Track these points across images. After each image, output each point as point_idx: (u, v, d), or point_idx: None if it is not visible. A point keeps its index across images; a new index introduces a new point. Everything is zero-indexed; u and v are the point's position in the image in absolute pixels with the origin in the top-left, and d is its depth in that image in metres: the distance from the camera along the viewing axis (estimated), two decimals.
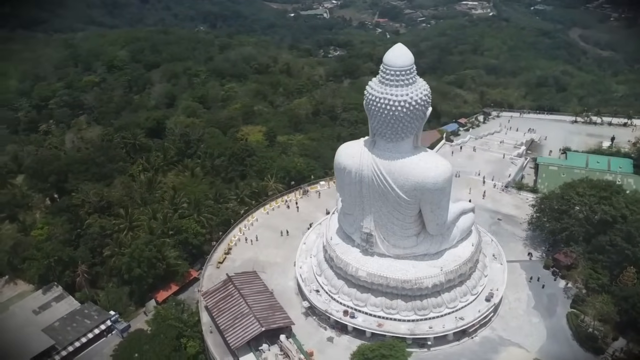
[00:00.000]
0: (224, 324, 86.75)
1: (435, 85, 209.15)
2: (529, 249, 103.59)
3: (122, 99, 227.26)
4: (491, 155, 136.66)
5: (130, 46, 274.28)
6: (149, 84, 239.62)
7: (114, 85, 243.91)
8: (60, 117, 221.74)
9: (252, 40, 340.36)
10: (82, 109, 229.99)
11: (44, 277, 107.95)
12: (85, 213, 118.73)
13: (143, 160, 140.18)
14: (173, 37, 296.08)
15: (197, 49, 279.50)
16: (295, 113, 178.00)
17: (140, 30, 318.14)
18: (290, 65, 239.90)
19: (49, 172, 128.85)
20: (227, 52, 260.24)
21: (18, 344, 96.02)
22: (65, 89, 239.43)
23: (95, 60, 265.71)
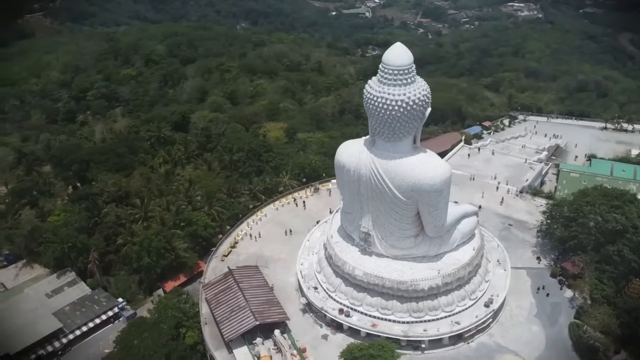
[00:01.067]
0: (220, 315, 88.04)
1: (465, 87, 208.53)
2: (537, 255, 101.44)
3: (156, 93, 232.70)
4: (510, 159, 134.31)
5: (168, 41, 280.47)
6: (183, 79, 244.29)
7: (150, 78, 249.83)
8: (97, 108, 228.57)
9: (289, 38, 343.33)
10: (118, 101, 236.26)
11: (59, 262, 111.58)
12: (103, 202, 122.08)
13: (164, 152, 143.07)
14: (210, 33, 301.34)
15: (233, 45, 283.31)
16: (321, 111, 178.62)
17: (179, 26, 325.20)
18: (322, 63, 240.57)
19: (72, 161, 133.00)
20: (261, 49, 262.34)
21: (28, 325, 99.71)
22: (104, 81, 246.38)
23: (134, 54, 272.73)
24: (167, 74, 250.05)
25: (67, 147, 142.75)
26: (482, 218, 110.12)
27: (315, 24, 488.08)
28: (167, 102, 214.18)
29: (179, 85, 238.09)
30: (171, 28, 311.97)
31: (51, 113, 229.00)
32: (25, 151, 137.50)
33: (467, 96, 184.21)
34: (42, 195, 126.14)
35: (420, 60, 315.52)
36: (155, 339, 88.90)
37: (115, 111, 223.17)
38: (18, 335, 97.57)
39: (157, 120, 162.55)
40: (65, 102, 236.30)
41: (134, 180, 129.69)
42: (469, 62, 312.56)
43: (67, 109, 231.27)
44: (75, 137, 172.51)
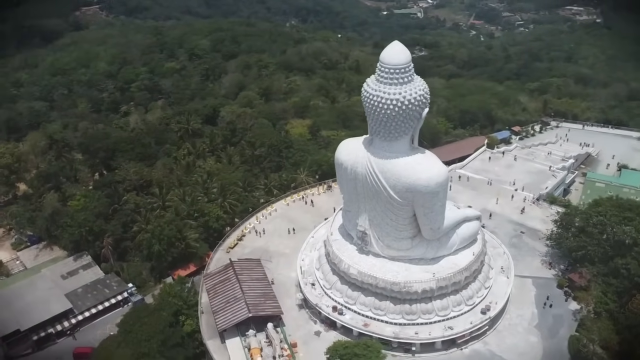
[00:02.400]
0: (216, 306, 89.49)
1: (501, 90, 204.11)
2: (547, 265, 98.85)
3: (197, 86, 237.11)
4: (532, 166, 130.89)
5: (212, 36, 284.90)
6: (223, 73, 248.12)
7: (192, 72, 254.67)
8: (139, 99, 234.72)
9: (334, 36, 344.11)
10: (160, 94, 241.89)
11: (76, 246, 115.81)
12: (124, 190, 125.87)
13: (189, 145, 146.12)
14: (254, 29, 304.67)
15: (276, 42, 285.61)
16: (351, 110, 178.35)
17: (224, 21, 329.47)
18: (360, 62, 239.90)
19: (98, 149, 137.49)
20: (300, 46, 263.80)
21: (41, 304, 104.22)
22: (148, 73, 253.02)
23: (178, 48, 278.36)
24: (209, 68, 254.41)
25: (94, 135, 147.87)
26: (494, 224, 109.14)
27: (365, 23, 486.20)
28: (205, 95, 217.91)
29: (218, 80, 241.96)
30: (216, 23, 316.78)
31: (96, 103, 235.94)
32: (56, 137, 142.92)
33: (500, 100, 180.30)
34: (67, 180, 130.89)
35: (467, 62, 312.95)
36: (154, 324, 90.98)
37: (157, 103, 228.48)
38: (30, 312, 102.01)
39: (187, 113, 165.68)
40: (110, 93, 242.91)
41: (156, 170, 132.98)
42: (517, 65, 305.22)
43: (112, 99, 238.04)
44: (111, 127, 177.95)
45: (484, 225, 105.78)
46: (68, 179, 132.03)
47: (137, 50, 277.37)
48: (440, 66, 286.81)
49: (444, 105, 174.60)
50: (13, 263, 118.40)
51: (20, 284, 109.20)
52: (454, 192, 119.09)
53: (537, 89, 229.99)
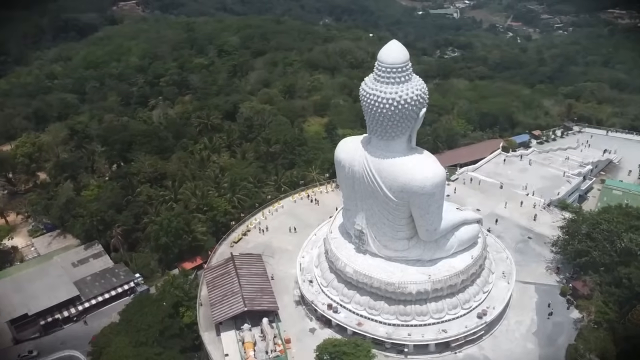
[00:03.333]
0: (214, 298, 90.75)
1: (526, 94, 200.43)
2: (551, 272, 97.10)
3: (224, 83, 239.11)
4: (547, 171, 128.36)
5: (242, 33, 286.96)
6: (250, 70, 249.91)
7: (220, 68, 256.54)
8: (168, 94, 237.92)
9: (366, 36, 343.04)
10: (188, 89, 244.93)
11: (88, 235, 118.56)
12: (138, 182, 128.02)
13: (206, 139, 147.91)
14: (284, 27, 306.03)
15: (305, 40, 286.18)
16: None
17: (254, 18, 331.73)
18: None
19: (115, 140, 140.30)
20: (327, 45, 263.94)
21: (50, 290, 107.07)
22: (177, 68, 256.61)
23: (208, 44, 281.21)
24: (237, 65, 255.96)
25: (113, 127, 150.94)
26: (501, 228, 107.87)
27: (399, 23, 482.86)
28: (230, 92, 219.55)
29: (245, 77, 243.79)
30: (246, 20, 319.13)
31: (126, 96, 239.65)
32: (77, 129, 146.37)
33: (523, 103, 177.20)
34: (84, 170, 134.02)
35: (499, 64, 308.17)
36: (154, 314, 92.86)
37: (184, 98, 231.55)
38: (39, 298, 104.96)
39: (207, 108, 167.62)
40: (139, 87, 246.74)
41: (171, 163, 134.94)
42: (551, 69, 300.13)
43: (141, 93, 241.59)
44: (136, 120, 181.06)
45: (490, 230, 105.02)
46: (85, 169, 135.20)
47: (168, 46, 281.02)
48: (470, 68, 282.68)
49: (466, 107, 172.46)
50: (28, 249, 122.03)
51: (32, 270, 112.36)
52: (463, 195, 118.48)
53: (570, 93, 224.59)
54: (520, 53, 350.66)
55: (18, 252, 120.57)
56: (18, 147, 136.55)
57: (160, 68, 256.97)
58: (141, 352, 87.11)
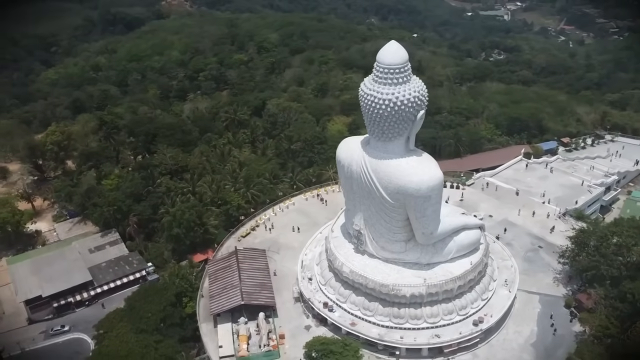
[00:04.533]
0: (214, 290, 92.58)
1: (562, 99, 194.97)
2: (558, 283, 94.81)
3: (261, 79, 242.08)
4: (568, 179, 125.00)
5: (282, 30, 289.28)
6: (288, 68, 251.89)
7: (258, 65, 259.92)
8: (206, 89, 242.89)
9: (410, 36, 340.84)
10: (226, 84, 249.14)
11: (107, 223, 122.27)
12: (159, 173, 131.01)
13: (230, 134, 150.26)
14: (325, 25, 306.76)
15: (345, 39, 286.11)
16: None
17: (295, 16, 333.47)
18: (422, 62, 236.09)
19: (140, 132, 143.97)
20: (364, 44, 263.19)
21: (65, 274, 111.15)
22: (217, 64, 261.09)
23: (249, 41, 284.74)
24: (275, 62, 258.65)
25: (139, 119, 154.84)
26: (511, 235, 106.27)
27: (447, 24, 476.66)
28: (264, 88, 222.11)
29: (281, 74, 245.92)
30: (288, 18, 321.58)
31: (165, 89, 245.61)
32: (106, 119, 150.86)
33: (556, 109, 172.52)
34: (108, 160, 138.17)
35: (544, 69, 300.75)
36: (157, 303, 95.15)
37: (222, 93, 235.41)
38: (53, 281, 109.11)
39: (235, 103, 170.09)
40: (179, 81, 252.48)
41: (192, 156, 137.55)
42: (599, 75, 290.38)
43: (180, 87, 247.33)
44: (168, 113, 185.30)
45: (499, 237, 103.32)
46: (109, 159, 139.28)
47: (210, 41, 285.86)
48: (514, 72, 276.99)
49: (496, 111, 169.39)
50: (50, 234, 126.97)
51: (50, 254, 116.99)
52: (477, 200, 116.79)
53: (616, 100, 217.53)
54: (568, 58, 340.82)
55: (41, 236, 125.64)
56: (48, 135, 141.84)
57: (201, 63, 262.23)
58: (141, 339, 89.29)
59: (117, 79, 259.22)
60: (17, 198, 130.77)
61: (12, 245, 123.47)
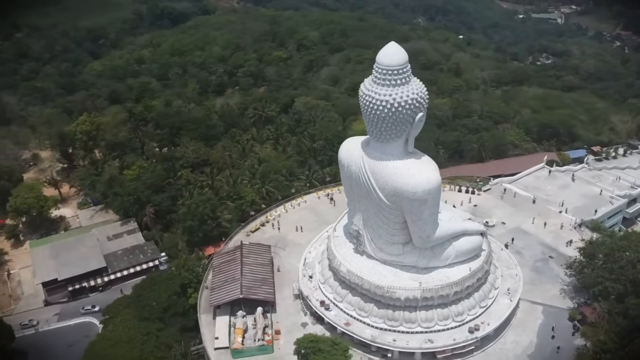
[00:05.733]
0: (215, 283, 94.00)
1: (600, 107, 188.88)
2: (565, 295, 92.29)
3: (298, 77, 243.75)
4: (590, 189, 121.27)
5: (323, 28, 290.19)
6: (326, 66, 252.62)
7: (297, 62, 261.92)
8: (243, 84, 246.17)
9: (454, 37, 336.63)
10: (264, 81, 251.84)
11: (126, 212, 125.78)
12: (181, 166, 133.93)
13: (255, 130, 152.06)
14: (366, 24, 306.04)
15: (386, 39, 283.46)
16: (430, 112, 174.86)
17: (337, 14, 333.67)
18: (461, 65, 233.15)
19: (165, 125, 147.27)
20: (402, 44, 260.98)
21: (81, 259, 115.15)
22: (256, 60, 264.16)
23: (289, 38, 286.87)
24: (313, 60, 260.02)
25: (165, 112, 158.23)
26: (522, 244, 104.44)
27: (497, 26, 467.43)
28: (298, 86, 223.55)
29: (318, 72, 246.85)
30: (330, 16, 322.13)
31: (205, 84, 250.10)
32: (134, 111, 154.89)
33: (590, 117, 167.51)
34: (133, 151, 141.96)
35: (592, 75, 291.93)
36: (161, 292, 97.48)
37: (259, 90, 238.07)
38: (70, 265, 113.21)
39: (264, 100, 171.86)
40: (218, 76, 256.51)
41: (214, 150, 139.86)
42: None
43: (218, 82, 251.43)
44: (201, 108, 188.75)
45: (507, 245, 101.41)
46: (135, 150, 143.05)
47: (251, 38, 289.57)
48: (559, 77, 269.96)
49: (528, 116, 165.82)
50: (73, 220, 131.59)
51: (70, 239, 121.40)
52: (491, 206, 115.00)
53: None
54: (619, 64, 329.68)
55: (64, 221, 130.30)
56: (78, 125, 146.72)
57: (240, 59, 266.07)
58: (143, 326, 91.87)
59: (159, 73, 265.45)
60: (44, 184, 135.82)
61: (37, 230, 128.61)
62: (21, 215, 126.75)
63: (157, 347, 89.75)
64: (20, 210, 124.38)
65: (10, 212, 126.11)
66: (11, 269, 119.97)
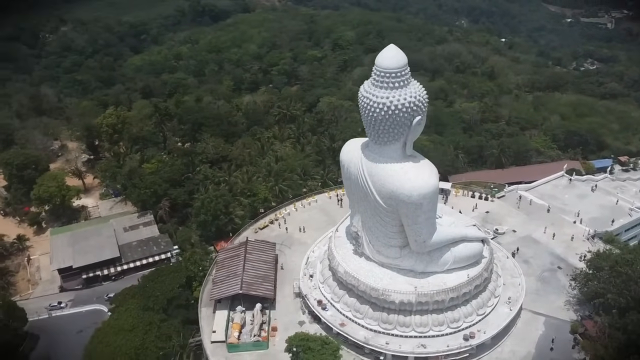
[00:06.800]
0: (217, 277, 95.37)
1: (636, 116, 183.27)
2: (569, 307, 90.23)
3: (331, 76, 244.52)
4: (609, 200, 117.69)
5: (359, 28, 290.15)
6: (359, 66, 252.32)
7: (331, 62, 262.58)
8: (277, 83, 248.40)
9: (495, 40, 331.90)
10: (297, 79, 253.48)
11: (144, 205, 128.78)
12: (200, 161, 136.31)
13: (277, 129, 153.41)
14: (404, 25, 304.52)
15: (422, 40, 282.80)
16: (455, 115, 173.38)
17: (375, 15, 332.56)
18: (496, 68, 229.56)
19: (188, 120, 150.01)
20: (437, 46, 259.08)
21: (97, 249, 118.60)
22: (291, 59, 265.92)
23: (325, 37, 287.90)
24: (347, 60, 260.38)
25: (189, 108, 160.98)
26: (531, 253, 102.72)
27: (543, 29, 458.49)
28: (330, 85, 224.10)
29: (350, 72, 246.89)
30: (367, 16, 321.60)
31: (239, 81, 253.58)
32: (160, 106, 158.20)
33: (622, 126, 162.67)
34: (155, 145, 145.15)
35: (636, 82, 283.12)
36: (167, 284, 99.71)
37: (291, 88, 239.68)
38: (85, 254, 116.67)
39: (289, 98, 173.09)
40: (252, 73, 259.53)
41: (234, 147, 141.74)
42: None
43: (252, 79, 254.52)
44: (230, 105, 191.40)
45: (514, 254, 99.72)
46: (157, 144, 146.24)
47: (287, 36, 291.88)
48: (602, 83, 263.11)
49: (556, 123, 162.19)
50: (94, 210, 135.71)
51: (89, 229, 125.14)
52: (504, 214, 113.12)
53: None
54: None
55: (85, 211, 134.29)
56: (105, 118, 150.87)
57: (276, 57, 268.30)
58: (146, 316, 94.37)
59: (195, 69, 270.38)
60: (68, 174, 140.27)
61: (59, 218, 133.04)
62: (44, 204, 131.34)
63: (158, 338, 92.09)
64: (43, 199, 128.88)
65: (34, 200, 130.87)
66: (32, 255, 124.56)
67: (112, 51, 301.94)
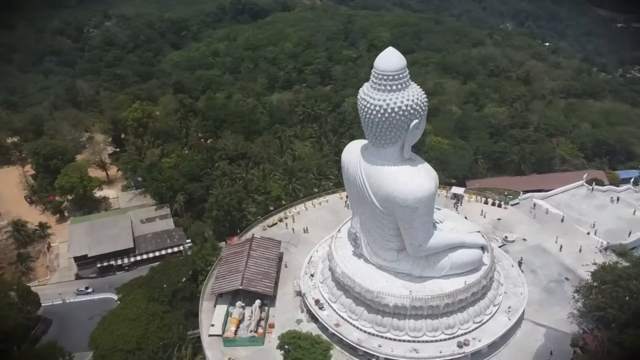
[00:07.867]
0: (220, 272, 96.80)
1: None
2: (573, 320, 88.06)
3: (364, 76, 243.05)
4: (628, 212, 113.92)
5: (396, 30, 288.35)
6: None
7: (365, 62, 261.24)
8: (310, 82, 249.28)
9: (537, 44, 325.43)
10: (330, 79, 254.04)
11: (162, 198, 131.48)
12: (219, 157, 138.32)
13: (298, 127, 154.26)
14: (441, 27, 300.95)
15: (458, 43, 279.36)
16: (483, 120, 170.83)
17: (412, 16, 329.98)
18: (531, 73, 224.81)
19: (210, 117, 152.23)
20: (471, 49, 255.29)
21: (112, 239, 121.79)
22: (325, 58, 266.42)
23: (361, 38, 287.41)
24: None
25: (213, 105, 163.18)
26: (540, 263, 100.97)
27: (591, 34, 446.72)
28: (361, 85, 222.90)
29: None
30: (405, 17, 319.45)
31: (273, 79, 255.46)
32: (185, 102, 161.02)
33: None
34: (177, 140, 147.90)
35: None
36: (173, 276, 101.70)
37: (324, 88, 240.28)
38: (101, 244, 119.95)
39: (313, 98, 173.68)
40: (286, 72, 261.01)
41: (254, 145, 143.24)
42: None
43: (286, 78, 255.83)
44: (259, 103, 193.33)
45: (520, 263, 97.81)
46: (179, 139, 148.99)
47: (323, 36, 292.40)
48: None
49: (586, 131, 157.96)
50: (115, 201, 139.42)
51: (108, 219, 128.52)
52: (516, 221, 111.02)
53: None
54: None
55: (106, 202, 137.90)
56: (130, 112, 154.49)
57: (311, 56, 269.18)
58: (150, 307, 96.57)
59: (231, 66, 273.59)
60: (91, 165, 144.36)
61: (81, 208, 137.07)
62: (67, 193, 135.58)
63: (160, 328, 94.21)
64: (66, 189, 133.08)
65: (58, 190, 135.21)
66: (52, 243, 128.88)
67: (153, 47, 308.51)
